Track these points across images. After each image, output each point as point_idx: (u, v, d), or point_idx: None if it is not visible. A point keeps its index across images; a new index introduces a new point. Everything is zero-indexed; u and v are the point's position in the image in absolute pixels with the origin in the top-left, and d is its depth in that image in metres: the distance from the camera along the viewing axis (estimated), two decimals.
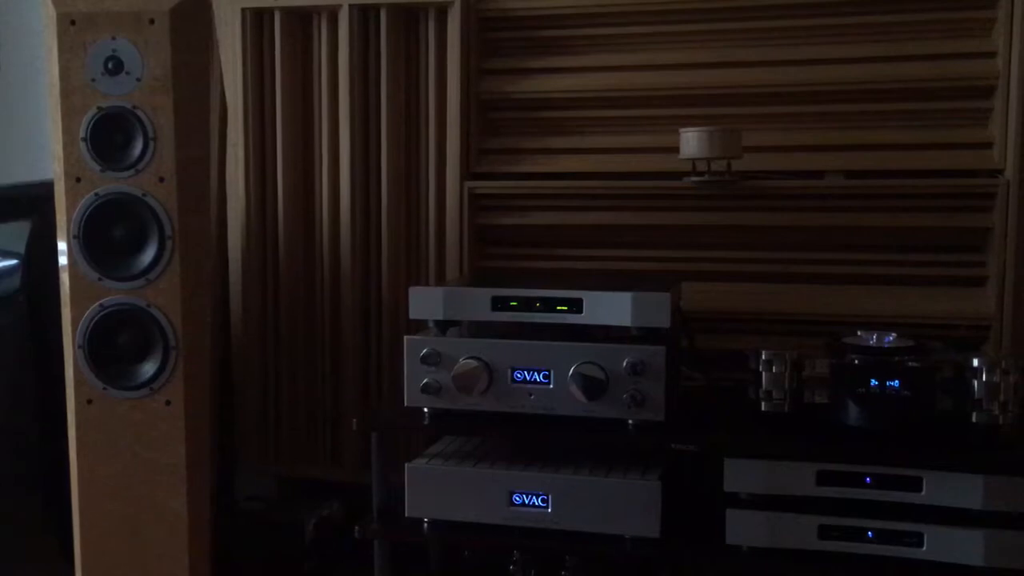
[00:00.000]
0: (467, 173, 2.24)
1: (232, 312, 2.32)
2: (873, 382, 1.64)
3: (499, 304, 1.78)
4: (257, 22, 2.31)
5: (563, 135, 2.23)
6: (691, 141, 1.98)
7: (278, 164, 2.31)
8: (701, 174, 2.05)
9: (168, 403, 1.84)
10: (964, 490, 1.56)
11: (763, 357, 1.71)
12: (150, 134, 1.80)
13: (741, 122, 2.06)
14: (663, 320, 1.72)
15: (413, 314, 1.83)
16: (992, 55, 1.99)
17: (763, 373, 1.71)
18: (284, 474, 2.41)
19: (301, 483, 2.40)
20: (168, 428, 1.85)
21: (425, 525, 1.79)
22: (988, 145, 2.01)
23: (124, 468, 1.86)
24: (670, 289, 1.75)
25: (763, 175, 2.08)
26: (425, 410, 1.80)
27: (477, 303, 1.79)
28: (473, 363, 1.76)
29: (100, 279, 1.83)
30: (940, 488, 1.58)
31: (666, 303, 1.71)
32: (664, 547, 1.69)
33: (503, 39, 2.24)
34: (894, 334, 1.73)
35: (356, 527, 1.83)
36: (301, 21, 2.31)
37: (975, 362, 1.61)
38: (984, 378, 1.60)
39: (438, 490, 1.78)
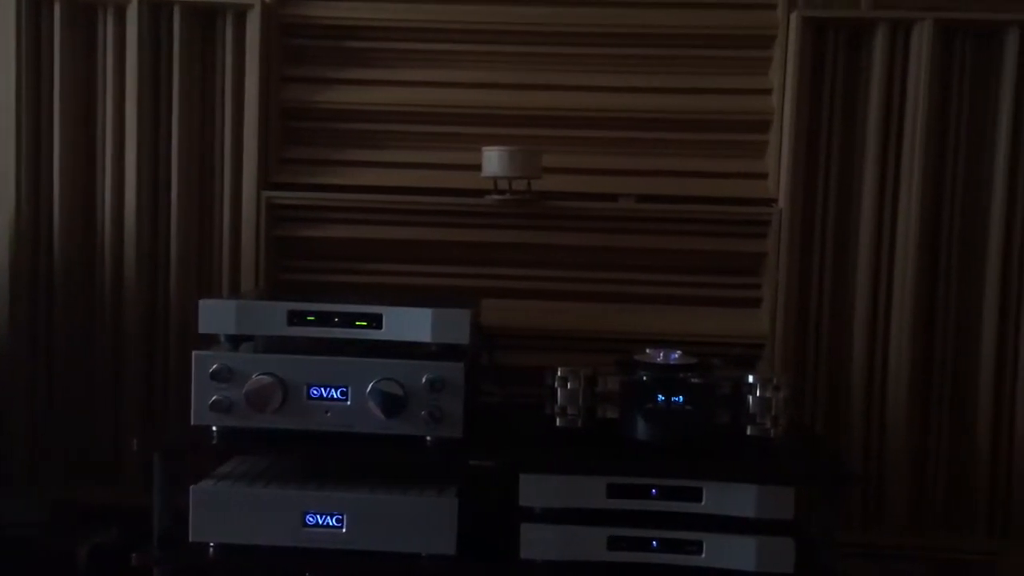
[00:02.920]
0: (265, 182, 2.17)
1: None
2: (659, 398, 1.71)
3: (296, 319, 1.73)
4: (34, 10, 2.14)
5: (366, 148, 2.21)
6: (493, 160, 2.01)
7: (55, 164, 2.15)
8: (502, 193, 2.08)
9: None
10: (739, 499, 1.66)
11: (558, 374, 1.75)
12: None
13: (542, 143, 2.12)
14: (462, 337, 1.72)
15: (203, 328, 1.74)
16: (768, 92, 2.15)
17: (558, 389, 1.75)
18: (57, 497, 2.23)
19: (76, 507, 2.23)
20: None
21: (210, 550, 1.71)
22: (763, 176, 2.16)
23: None
24: (470, 306, 1.76)
25: (561, 196, 2.14)
26: (214, 428, 1.72)
27: (272, 317, 1.73)
28: (266, 379, 1.69)
29: None
30: (718, 498, 1.67)
31: (466, 319, 1.72)
32: (459, 564, 1.69)
33: (307, 47, 2.20)
34: (679, 352, 1.82)
35: (133, 554, 1.71)
36: (85, 13, 2.16)
37: (750, 379, 1.72)
38: (758, 394, 1.71)
39: (226, 513, 1.70)
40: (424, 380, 1.69)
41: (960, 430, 2.16)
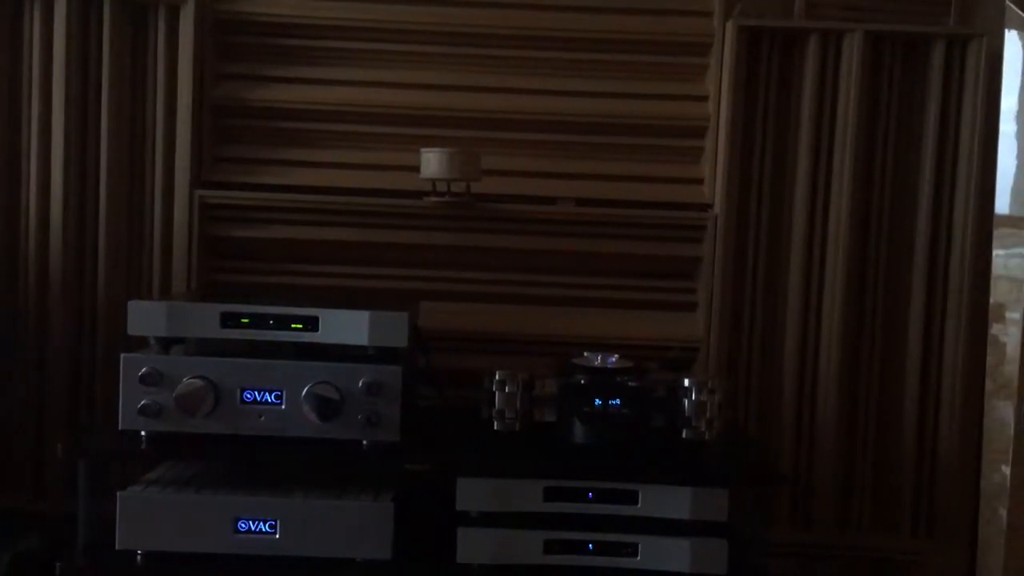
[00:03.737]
0: (198, 181, 2.12)
1: None
2: (596, 401, 1.72)
3: (229, 321, 1.70)
4: None
5: (303, 147, 2.18)
6: (431, 161, 2.00)
7: None
8: (441, 195, 2.07)
9: None
10: (674, 502, 1.68)
11: (496, 377, 1.75)
12: None
13: (481, 146, 2.11)
14: (400, 339, 1.71)
15: (132, 330, 1.70)
16: (704, 99, 2.18)
17: (496, 393, 1.74)
18: None
19: None
20: None
21: (138, 558, 1.66)
22: (699, 181, 2.19)
23: None
24: (408, 308, 1.75)
25: (500, 199, 2.14)
26: (143, 433, 1.68)
27: (204, 319, 1.69)
28: (198, 383, 1.66)
29: None
30: (654, 501, 1.68)
31: (403, 322, 1.71)
32: (395, 569, 1.68)
33: (242, 44, 2.16)
34: (616, 355, 1.83)
35: (57, 563, 1.66)
36: (11, 4, 2.09)
37: (685, 382, 1.74)
38: (693, 397, 1.73)
39: (154, 519, 1.66)
40: (361, 383, 1.68)
41: (886, 433, 2.22)
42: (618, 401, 1.72)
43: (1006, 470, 1.70)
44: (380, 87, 2.16)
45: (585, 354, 1.84)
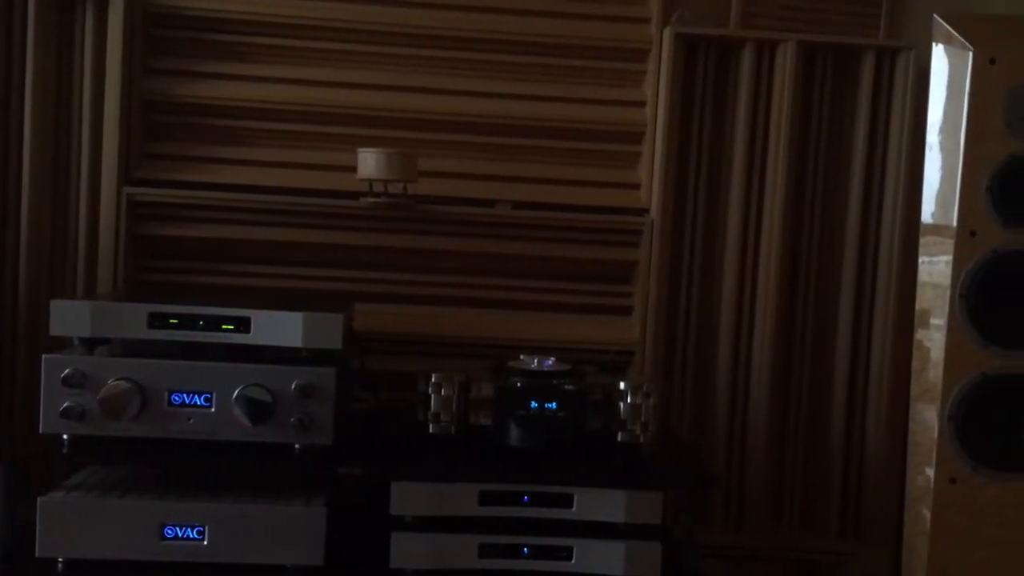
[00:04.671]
0: (126, 178, 2.07)
1: None
2: (532, 404, 1.72)
3: (157, 321, 1.65)
4: None
5: (236, 145, 2.13)
6: (368, 162, 1.98)
7: None
8: (377, 195, 2.05)
9: None
10: (609, 505, 1.68)
11: (432, 380, 1.73)
12: None
13: (419, 147, 2.10)
14: (335, 341, 1.69)
15: (55, 330, 1.65)
16: (641, 104, 2.19)
17: (432, 395, 1.73)
18: None
19: None
20: None
21: (59, 566, 1.61)
22: (636, 186, 2.21)
23: None
24: (343, 310, 1.73)
25: (437, 200, 2.13)
26: (65, 437, 1.62)
27: (131, 319, 1.65)
28: (124, 385, 1.61)
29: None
30: (588, 504, 1.68)
31: (338, 324, 1.69)
32: (327, 575, 1.65)
33: (174, 38, 2.11)
34: (553, 358, 1.83)
35: None
36: None
37: (621, 385, 1.75)
38: (629, 400, 1.73)
39: (76, 526, 1.61)
40: (293, 386, 1.65)
41: (816, 436, 2.26)
42: (554, 404, 1.72)
43: (930, 472, 1.74)
44: (317, 86, 2.13)
45: (522, 357, 1.84)
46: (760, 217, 2.20)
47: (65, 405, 1.61)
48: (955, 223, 1.70)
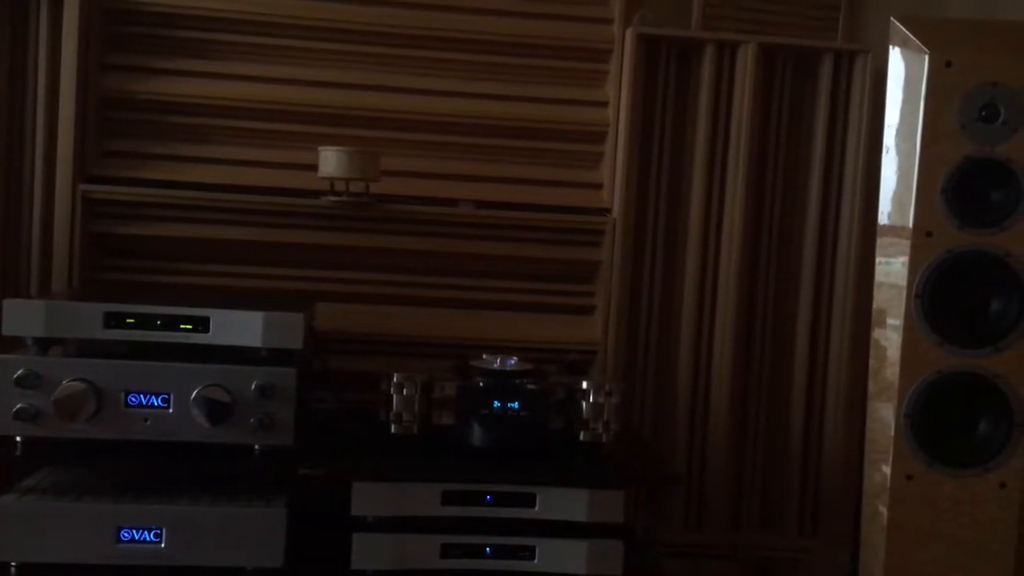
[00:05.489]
0: (82, 175, 2.03)
1: None
2: (495, 404, 1.71)
3: (113, 321, 1.63)
4: None
5: (195, 143, 2.11)
6: (330, 160, 1.96)
7: None
8: (339, 194, 2.03)
9: None
10: (571, 504, 1.68)
11: (394, 380, 1.72)
12: None
13: (381, 145, 2.09)
14: (295, 341, 1.67)
15: (7, 330, 1.61)
16: (604, 104, 2.20)
17: (394, 395, 1.72)
18: None
19: None
20: None
21: (13, 570, 1.58)
22: (599, 186, 2.21)
23: None
24: (304, 309, 1.71)
25: (400, 200, 2.12)
26: (18, 439, 1.59)
27: (87, 319, 1.62)
28: (79, 386, 1.58)
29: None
30: (551, 503, 1.69)
31: (299, 324, 1.67)
32: None
33: (132, 34, 2.08)
34: (515, 358, 1.83)
35: None
36: None
37: (583, 385, 1.75)
38: (591, 399, 1.74)
39: (31, 529, 1.57)
40: (253, 386, 1.63)
41: (775, 434, 2.28)
42: (517, 404, 1.72)
43: (886, 470, 1.76)
44: (278, 83, 2.11)
45: (484, 356, 1.84)
46: (721, 217, 2.21)
47: (18, 407, 1.57)
48: (911, 224, 1.72)
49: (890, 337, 1.76)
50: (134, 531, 1.60)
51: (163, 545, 1.60)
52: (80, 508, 1.60)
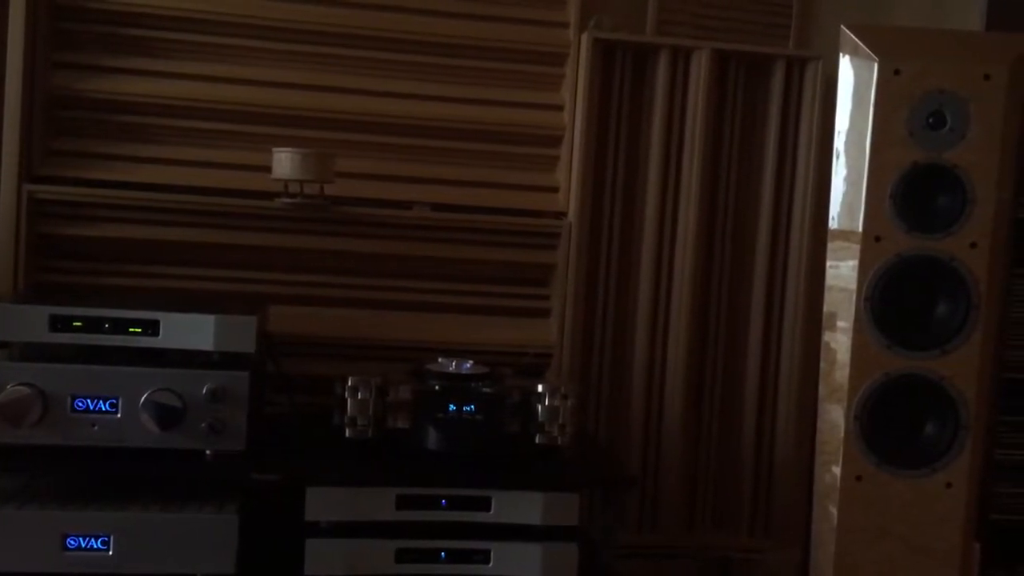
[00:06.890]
0: (28, 175, 1.99)
1: None
2: (451, 407, 1.71)
3: (59, 324, 1.59)
4: None
5: (145, 143, 2.07)
6: (284, 162, 1.94)
7: None
8: (293, 196, 2.01)
9: None
10: (526, 507, 1.69)
11: (348, 383, 1.71)
12: None
13: (336, 147, 2.07)
14: (248, 344, 1.65)
15: None
16: (560, 108, 2.21)
17: (348, 399, 1.71)
18: None
19: None
20: None
21: None
22: (555, 189, 2.22)
23: None
24: (256, 312, 1.69)
25: (354, 202, 2.10)
26: None
27: (31, 322, 1.59)
28: (23, 390, 1.55)
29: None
30: (506, 507, 1.68)
31: (251, 326, 1.65)
32: None
33: (80, 31, 2.04)
34: (471, 361, 1.82)
35: None
36: None
37: (539, 388, 1.75)
38: (546, 402, 1.74)
39: None
40: (205, 390, 1.61)
41: (728, 436, 2.31)
42: (472, 407, 1.71)
43: (836, 470, 1.79)
44: (230, 83, 2.08)
45: (440, 360, 1.83)
46: (675, 221, 2.23)
47: None
48: (861, 228, 1.75)
49: (840, 340, 1.78)
50: (81, 538, 1.57)
51: (111, 553, 1.57)
52: (25, 515, 1.56)
